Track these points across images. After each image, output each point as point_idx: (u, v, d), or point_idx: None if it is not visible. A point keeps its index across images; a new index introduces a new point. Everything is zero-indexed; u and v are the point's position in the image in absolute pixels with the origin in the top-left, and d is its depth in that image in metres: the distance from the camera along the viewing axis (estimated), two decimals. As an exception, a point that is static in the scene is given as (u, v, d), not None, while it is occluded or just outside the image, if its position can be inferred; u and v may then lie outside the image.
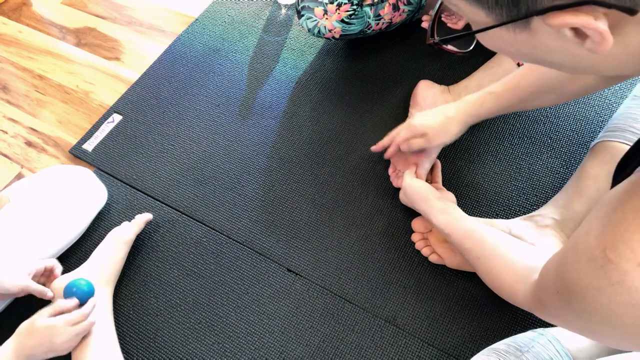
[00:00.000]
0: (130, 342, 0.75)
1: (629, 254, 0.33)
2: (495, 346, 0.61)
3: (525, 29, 0.31)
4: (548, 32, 0.31)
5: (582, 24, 0.29)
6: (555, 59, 0.34)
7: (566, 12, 0.28)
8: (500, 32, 0.32)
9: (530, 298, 0.53)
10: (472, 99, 0.75)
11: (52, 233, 0.79)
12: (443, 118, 0.75)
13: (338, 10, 0.92)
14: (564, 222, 0.74)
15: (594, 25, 0.28)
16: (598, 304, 0.36)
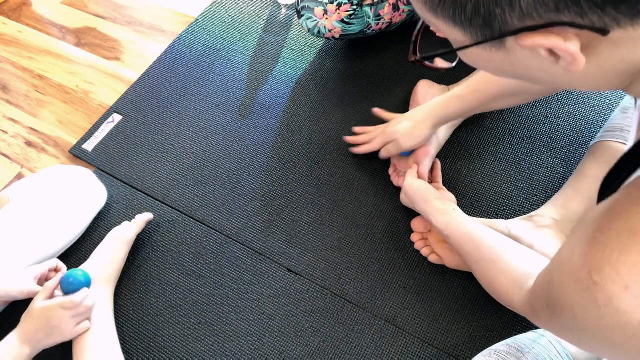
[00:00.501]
0: (130, 342, 0.75)
1: (615, 277, 0.33)
2: (496, 347, 0.61)
3: (501, 48, 0.32)
4: (523, 51, 0.31)
5: (552, 45, 0.29)
6: (533, 76, 0.35)
7: (537, 33, 0.29)
8: (477, 50, 0.33)
9: (524, 305, 0.53)
10: (438, 102, 0.78)
11: (52, 233, 0.79)
12: (412, 122, 0.79)
13: (338, 10, 0.92)
14: (563, 222, 0.74)
15: (564, 46, 0.29)
16: (586, 322, 0.36)
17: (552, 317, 0.42)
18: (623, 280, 0.32)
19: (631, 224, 0.33)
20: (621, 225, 0.33)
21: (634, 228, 0.32)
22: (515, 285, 0.56)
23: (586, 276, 0.34)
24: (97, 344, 0.69)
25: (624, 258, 0.32)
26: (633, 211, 0.33)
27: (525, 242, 0.73)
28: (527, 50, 0.31)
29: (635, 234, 0.32)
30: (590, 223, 0.37)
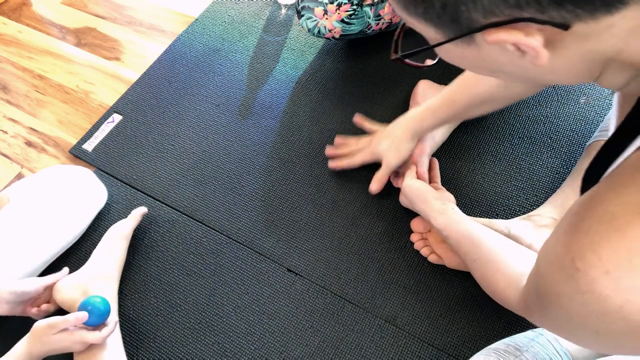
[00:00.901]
0: (130, 342, 0.75)
1: (596, 262, 0.33)
2: (495, 346, 0.61)
3: (471, 44, 0.33)
4: (492, 46, 0.33)
5: (515, 41, 0.31)
6: (505, 71, 0.36)
7: (500, 29, 0.30)
8: (450, 47, 0.35)
9: (520, 303, 0.53)
10: (413, 115, 0.80)
11: (52, 233, 0.79)
12: (393, 140, 0.81)
13: (338, 10, 0.92)
14: (562, 221, 0.74)
15: (526, 41, 0.30)
16: (573, 311, 0.36)
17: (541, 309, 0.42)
18: (603, 265, 0.33)
19: (611, 210, 0.33)
20: (601, 211, 0.34)
21: (613, 213, 0.33)
22: (511, 284, 0.57)
23: (569, 263, 0.35)
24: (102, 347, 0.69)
25: (604, 243, 0.33)
26: (612, 197, 0.34)
27: (525, 241, 0.73)
28: (495, 46, 0.32)
29: (614, 218, 0.33)
30: (573, 212, 0.37)
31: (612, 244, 0.32)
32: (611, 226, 0.33)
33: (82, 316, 0.65)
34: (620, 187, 0.34)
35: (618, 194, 0.33)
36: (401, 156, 0.81)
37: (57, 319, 0.64)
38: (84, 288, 0.72)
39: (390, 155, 0.81)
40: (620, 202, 0.33)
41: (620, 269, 0.32)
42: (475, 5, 0.30)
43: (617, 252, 0.32)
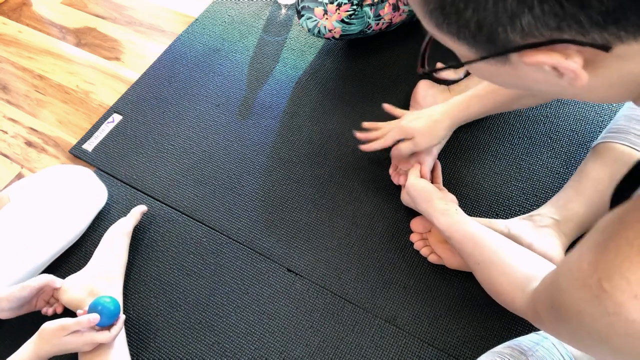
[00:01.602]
0: (130, 342, 0.75)
1: (625, 286, 0.33)
2: (498, 349, 0.61)
3: (506, 63, 0.32)
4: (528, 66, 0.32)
5: (554, 63, 0.30)
6: (540, 89, 0.36)
7: (539, 51, 0.30)
8: (483, 65, 0.34)
9: (527, 308, 0.53)
10: (458, 101, 0.77)
11: (52, 233, 0.79)
12: (430, 121, 0.77)
13: (338, 10, 0.92)
14: (563, 222, 0.74)
15: (565, 64, 0.29)
16: (594, 329, 0.36)
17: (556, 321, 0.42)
18: (632, 290, 0.32)
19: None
20: (632, 235, 0.33)
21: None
22: (517, 287, 0.56)
23: (595, 283, 0.35)
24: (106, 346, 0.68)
25: (635, 268, 0.33)
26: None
27: (525, 241, 0.73)
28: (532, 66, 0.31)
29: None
30: (601, 231, 0.37)
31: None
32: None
33: (94, 318, 0.65)
34: None
35: None
36: (433, 140, 0.77)
37: (69, 321, 0.64)
38: (90, 288, 0.73)
39: (424, 137, 0.77)
40: None
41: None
42: (513, 26, 0.29)
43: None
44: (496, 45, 0.31)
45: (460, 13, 0.30)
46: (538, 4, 0.27)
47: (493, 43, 0.31)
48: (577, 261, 0.38)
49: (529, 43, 0.30)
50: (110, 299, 0.69)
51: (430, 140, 0.78)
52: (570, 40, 0.29)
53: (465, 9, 0.29)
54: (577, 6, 0.26)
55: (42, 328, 0.64)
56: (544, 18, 0.28)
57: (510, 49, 0.31)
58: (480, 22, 0.30)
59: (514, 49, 0.30)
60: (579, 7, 0.27)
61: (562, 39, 0.29)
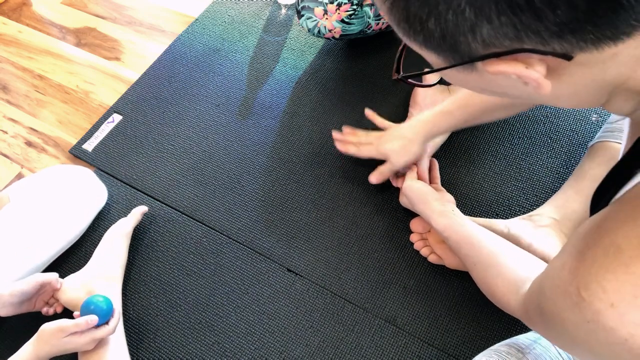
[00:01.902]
0: (130, 342, 0.75)
1: (602, 294, 0.33)
2: (496, 347, 0.61)
3: (473, 70, 0.33)
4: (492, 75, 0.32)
5: (515, 72, 0.30)
6: (510, 94, 0.36)
7: (501, 60, 0.30)
8: (453, 72, 0.34)
9: (520, 309, 0.53)
10: (426, 119, 0.79)
11: (52, 233, 0.79)
12: (403, 141, 0.80)
13: (338, 10, 0.92)
14: (562, 221, 0.74)
15: (526, 73, 0.30)
16: (577, 336, 0.37)
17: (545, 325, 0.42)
18: (609, 298, 0.33)
19: (617, 242, 0.33)
20: (608, 243, 0.34)
21: (619, 246, 0.33)
22: (511, 289, 0.57)
23: (574, 291, 0.35)
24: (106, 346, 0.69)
25: (610, 276, 0.33)
26: (620, 228, 0.34)
27: (524, 241, 0.73)
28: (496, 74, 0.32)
29: (621, 252, 0.33)
30: (581, 238, 0.37)
31: (618, 277, 0.32)
32: (617, 259, 0.33)
33: (92, 320, 0.65)
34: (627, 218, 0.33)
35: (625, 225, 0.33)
36: (410, 159, 0.80)
37: (67, 322, 0.64)
38: (89, 288, 0.73)
39: (399, 157, 0.80)
40: (626, 235, 0.33)
41: (625, 304, 0.32)
42: (474, 36, 0.29)
43: (622, 286, 0.32)
44: (460, 55, 0.31)
45: (424, 23, 0.30)
46: (496, 15, 0.27)
47: (457, 52, 0.31)
48: (559, 268, 0.38)
49: (491, 53, 0.30)
50: (103, 297, 0.69)
51: (405, 157, 0.80)
52: (530, 49, 0.29)
53: (427, 20, 0.30)
54: (533, 18, 0.27)
55: (41, 329, 0.64)
56: (503, 29, 0.28)
57: (474, 58, 0.31)
58: (442, 32, 0.30)
59: (477, 58, 0.31)
60: (535, 19, 0.27)
61: (522, 48, 0.29)
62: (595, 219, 0.37)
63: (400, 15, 0.32)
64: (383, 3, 0.32)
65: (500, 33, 0.28)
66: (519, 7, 0.27)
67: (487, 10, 0.27)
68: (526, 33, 0.28)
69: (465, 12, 0.28)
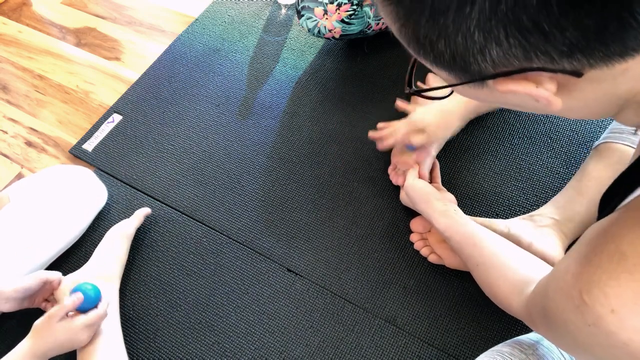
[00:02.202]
0: (130, 342, 0.75)
1: (603, 300, 0.34)
2: (499, 348, 0.61)
3: (484, 87, 0.33)
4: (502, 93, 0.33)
5: (525, 92, 0.31)
6: (522, 107, 0.37)
7: (511, 79, 0.31)
8: (464, 88, 0.35)
9: (523, 310, 0.53)
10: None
11: (52, 233, 0.79)
12: (443, 113, 0.77)
13: (338, 10, 0.92)
14: (563, 222, 0.74)
15: (536, 92, 0.30)
16: (578, 338, 0.37)
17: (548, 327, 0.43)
18: (610, 304, 0.33)
19: (622, 248, 0.33)
20: (612, 249, 0.34)
21: (624, 253, 0.33)
22: (514, 291, 0.56)
23: (577, 295, 0.36)
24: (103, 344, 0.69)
25: (612, 282, 0.33)
26: (625, 235, 0.34)
27: (525, 240, 0.72)
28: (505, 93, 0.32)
29: (624, 258, 0.33)
30: (586, 242, 0.38)
31: (620, 283, 0.33)
32: (620, 266, 0.33)
33: (77, 297, 0.65)
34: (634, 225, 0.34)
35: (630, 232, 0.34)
36: (447, 132, 0.77)
37: (54, 308, 0.65)
38: None
39: (438, 129, 0.76)
40: (632, 242, 0.33)
41: (626, 310, 0.33)
42: (484, 57, 0.30)
43: (624, 292, 0.33)
44: (471, 74, 0.32)
45: (434, 44, 0.31)
46: (504, 37, 0.28)
47: (467, 72, 0.32)
48: (564, 271, 0.39)
49: (501, 72, 0.30)
50: (92, 285, 0.69)
51: (445, 131, 0.78)
52: (540, 68, 0.29)
53: (437, 41, 0.30)
54: (542, 40, 0.27)
55: (33, 325, 0.64)
56: (512, 50, 0.29)
57: (484, 77, 0.32)
58: (452, 53, 0.31)
59: (487, 77, 0.31)
60: (544, 40, 0.27)
61: (532, 67, 0.29)
62: (601, 224, 0.37)
63: (410, 36, 0.32)
64: (393, 24, 0.33)
65: (510, 54, 0.29)
66: (527, 30, 0.27)
67: (495, 33, 0.28)
68: (535, 53, 0.28)
69: (474, 35, 0.28)
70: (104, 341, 0.69)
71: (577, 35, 0.27)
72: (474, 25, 0.28)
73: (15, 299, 0.69)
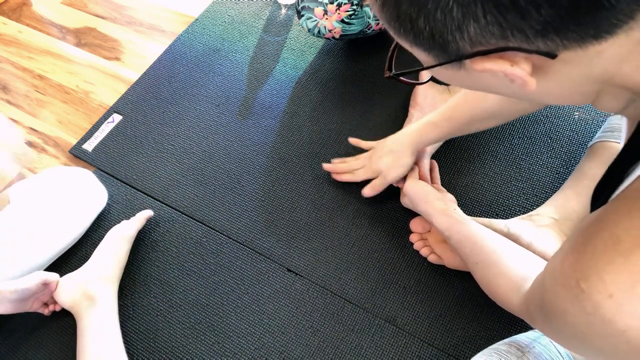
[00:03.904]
0: (130, 342, 0.75)
1: (600, 286, 0.33)
2: (496, 346, 0.61)
3: (461, 68, 0.34)
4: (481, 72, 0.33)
5: (501, 70, 0.31)
6: (498, 91, 0.37)
7: (487, 58, 0.31)
8: (442, 69, 0.35)
9: (522, 307, 0.54)
10: (412, 130, 0.80)
11: (52, 234, 0.79)
12: (393, 156, 0.81)
13: (338, 10, 0.92)
14: (562, 221, 0.74)
15: (511, 71, 0.31)
16: (577, 329, 0.37)
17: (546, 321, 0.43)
18: (607, 289, 0.33)
19: (617, 233, 0.33)
20: (607, 235, 0.34)
21: (619, 237, 0.33)
22: (513, 288, 0.57)
23: (574, 284, 0.35)
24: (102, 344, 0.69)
25: (609, 267, 0.33)
26: (619, 220, 0.34)
27: (524, 240, 0.73)
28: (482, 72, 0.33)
29: (619, 243, 0.33)
30: (581, 231, 0.38)
31: (616, 268, 0.33)
32: (616, 250, 0.33)
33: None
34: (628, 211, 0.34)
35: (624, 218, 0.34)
36: (402, 171, 0.81)
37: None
38: (84, 288, 0.73)
39: (391, 171, 0.81)
40: (626, 227, 0.33)
41: (623, 295, 0.32)
42: (462, 34, 0.30)
43: (621, 277, 0.32)
44: (449, 53, 0.32)
45: (414, 22, 0.31)
46: (482, 14, 0.28)
47: (445, 50, 0.32)
48: (560, 261, 0.39)
49: (478, 51, 0.31)
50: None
51: (397, 171, 0.81)
52: (516, 47, 0.30)
53: (417, 19, 0.31)
54: (518, 17, 0.28)
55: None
56: (489, 28, 0.29)
57: (462, 57, 0.32)
58: (432, 30, 0.31)
59: (465, 57, 0.32)
60: (520, 18, 0.28)
61: (508, 47, 0.30)
62: (595, 214, 0.38)
63: (391, 14, 0.32)
64: (375, 2, 0.33)
65: (487, 31, 0.29)
66: (504, 6, 0.28)
67: (473, 9, 0.28)
68: (512, 32, 0.29)
69: (452, 10, 0.29)
70: (102, 342, 0.69)
71: (552, 14, 0.27)
72: (452, 0, 0.28)
73: (12, 301, 0.69)
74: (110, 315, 0.72)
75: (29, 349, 0.75)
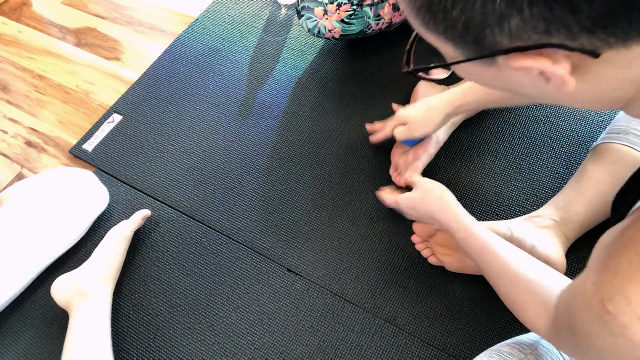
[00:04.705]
0: (130, 342, 0.75)
1: (626, 307, 0.33)
2: (498, 347, 0.61)
3: (492, 65, 0.32)
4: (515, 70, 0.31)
5: (540, 68, 0.29)
6: (525, 92, 0.35)
7: (526, 55, 0.29)
8: (469, 65, 0.33)
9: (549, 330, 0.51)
10: (456, 90, 0.77)
11: (53, 235, 0.79)
12: (425, 108, 0.78)
13: (338, 10, 0.92)
14: (563, 223, 0.74)
15: (552, 69, 0.29)
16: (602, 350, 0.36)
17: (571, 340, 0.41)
18: (634, 311, 0.32)
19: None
20: (631, 254, 0.33)
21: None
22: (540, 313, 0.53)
23: (598, 304, 0.34)
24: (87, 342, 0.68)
25: (634, 288, 0.32)
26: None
27: (527, 243, 0.72)
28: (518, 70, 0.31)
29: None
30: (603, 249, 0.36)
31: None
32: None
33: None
34: None
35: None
36: (427, 128, 0.77)
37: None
38: (78, 287, 0.73)
39: (419, 124, 0.77)
40: None
41: None
42: (501, 28, 0.28)
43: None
44: (483, 47, 0.30)
45: (447, 12, 0.29)
46: (527, 6, 0.26)
47: (479, 44, 0.30)
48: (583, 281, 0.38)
49: (517, 46, 0.29)
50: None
51: (425, 126, 0.78)
52: (558, 44, 0.28)
53: (452, 8, 0.29)
54: (567, 10, 0.26)
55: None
56: (533, 21, 0.27)
57: (497, 52, 0.30)
58: (467, 22, 0.29)
59: (501, 52, 0.30)
60: (568, 11, 0.26)
61: (550, 43, 0.28)
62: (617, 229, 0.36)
63: (422, 2, 0.30)
64: None
65: (530, 25, 0.27)
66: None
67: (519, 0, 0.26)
68: (557, 27, 0.27)
69: (496, 1, 0.27)
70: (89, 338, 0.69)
71: (604, 9, 0.25)
72: None
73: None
74: (100, 313, 0.72)
75: (28, 348, 0.75)
